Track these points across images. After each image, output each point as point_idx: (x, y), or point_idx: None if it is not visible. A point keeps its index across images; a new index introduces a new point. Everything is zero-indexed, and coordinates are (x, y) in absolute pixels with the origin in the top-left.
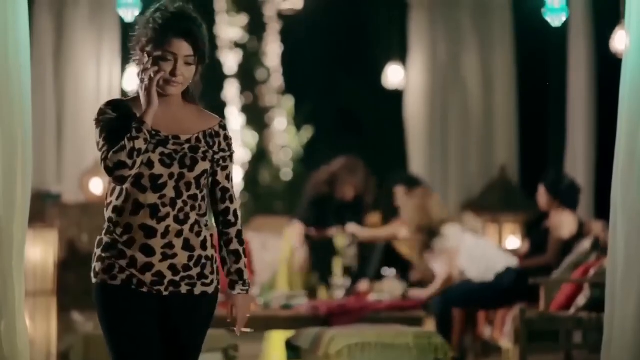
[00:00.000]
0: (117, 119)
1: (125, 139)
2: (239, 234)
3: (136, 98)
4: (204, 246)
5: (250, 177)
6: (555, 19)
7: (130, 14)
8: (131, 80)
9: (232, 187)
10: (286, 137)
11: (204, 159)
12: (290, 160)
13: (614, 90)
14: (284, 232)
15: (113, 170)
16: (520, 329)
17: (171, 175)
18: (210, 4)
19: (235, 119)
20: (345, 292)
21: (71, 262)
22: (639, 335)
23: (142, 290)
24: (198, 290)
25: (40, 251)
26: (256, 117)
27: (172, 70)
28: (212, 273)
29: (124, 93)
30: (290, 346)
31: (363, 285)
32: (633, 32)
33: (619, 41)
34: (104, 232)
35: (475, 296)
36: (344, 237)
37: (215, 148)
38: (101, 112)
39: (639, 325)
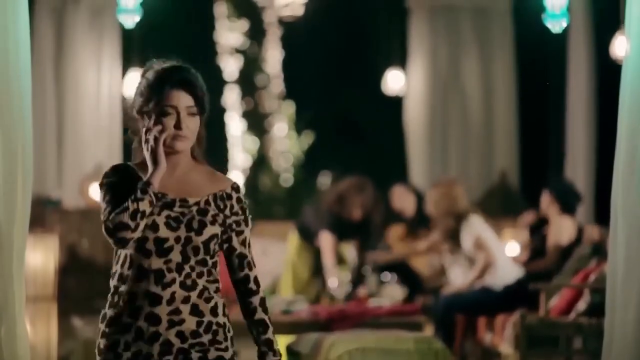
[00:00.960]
0: (122, 181)
1: (129, 200)
2: (263, 302)
3: (144, 163)
4: (214, 312)
5: (251, 183)
6: (555, 25)
7: (130, 20)
8: (131, 86)
9: (250, 252)
10: (287, 142)
11: (213, 222)
12: (291, 166)
13: (614, 95)
14: (288, 238)
15: (114, 231)
16: (520, 334)
17: (177, 239)
18: (210, 10)
19: (235, 124)
20: (345, 297)
21: (71, 267)
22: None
23: None
24: (212, 355)
25: (41, 256)
26: (257, 122)
27: (177, 124)
28: (226, 340)
29: (124, 98)
30: (291, 351)
31: (363, 290)
32: (633, 38)
33: (619, 47)
34: (107, 305)
35: (475, 302)
36: (349, 247)
37: (227, 211)
38: (106, 175)
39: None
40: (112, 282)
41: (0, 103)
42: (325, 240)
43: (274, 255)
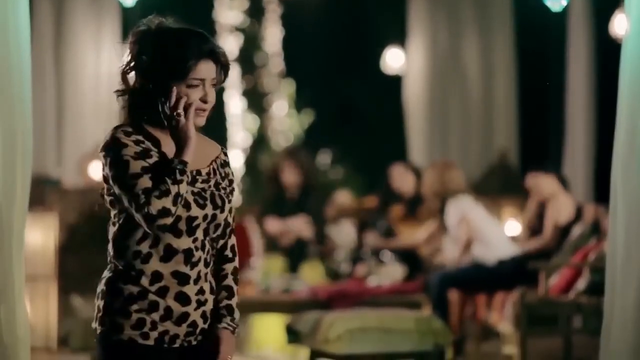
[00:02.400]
0: (143, 153)
1: (169, 183)
2: (235, 271)
3: (145, 124)
4: (214, 289)
5: (251, 162)
6: (555, 4)
7: None
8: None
9: (234, 221)
10: (287, 121)
11: (227, 196)
12: (291, 145)
13: (614, 74)
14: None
15: (156, 218)
16: (520, 313)
17: (205, 217)
18: None
19: (235, 103)
20: (345, 276)
21: (71, 246)
22: (639, 320)
23: (174, 346)
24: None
25: (41, 235)
26: (257, 101)
27: (204, 97)
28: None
29: None
30: (290, 330)
31: (362, 269)
32: (633, 16)
33: (619, 25)
34: (120, 280)
35: (467, 278)
36: (347, 225)
37: (227, 179)
38: (119, 143)
39: (639, 311)
40: (124, 260)
41: (0, 83)
42: (272, 225)
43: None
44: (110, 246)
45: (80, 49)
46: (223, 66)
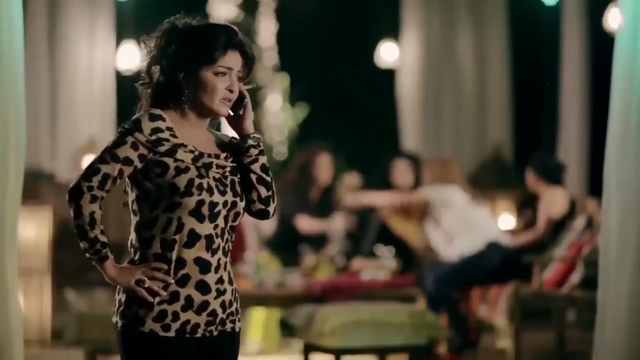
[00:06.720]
0: (155, 142)
1: (89, 236)
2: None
3: (170, 112)
4: (234, 279)
5: None
6: None
7: None
8: (125, 59)
9: None
10: (281, 115)
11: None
12: (285, 139)
13: (608, 68)
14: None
15: (72, 194)
16: (514, 307)
17: (225, 204)
18: None
19: None
20: (339, 270)
21: (65, 240)
22: (633, 314)
23: (196, 336)
24: (237, 327)
25: (34, 229)
26: (250, 95)
27: (230, 86)
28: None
29: (117, 71)
30: (285, 324)
31: (357, 263)
32: (627, 10)
33: (613, 19)
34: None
35: (466, 274)
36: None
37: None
38: (137, 125)
39: (633, 304)
40: (152, 250)
41: None
42: (307, 224)
43: (267, 228)
44: (133, 237)
45: (74, 42)
46: (249, 60)
